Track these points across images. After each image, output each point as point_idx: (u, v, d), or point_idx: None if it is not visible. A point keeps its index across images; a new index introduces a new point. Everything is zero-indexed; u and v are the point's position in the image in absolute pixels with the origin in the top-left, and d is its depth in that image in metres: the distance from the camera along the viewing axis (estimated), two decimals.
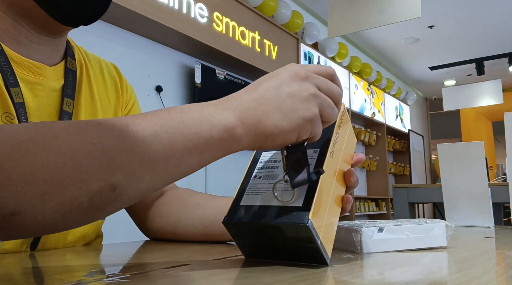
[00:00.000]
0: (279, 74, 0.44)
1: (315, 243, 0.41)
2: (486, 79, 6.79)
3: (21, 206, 0.34)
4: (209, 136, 0.40)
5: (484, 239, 0.74)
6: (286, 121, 0.42)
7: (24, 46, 0.62)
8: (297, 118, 0.42)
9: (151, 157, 0.38)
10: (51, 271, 0.44)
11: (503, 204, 2.79)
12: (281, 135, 0.42)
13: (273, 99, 0.43)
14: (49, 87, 0.64)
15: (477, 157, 1.01)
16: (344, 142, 0.51)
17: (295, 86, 0.43)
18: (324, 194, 0.44)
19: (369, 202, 5.69)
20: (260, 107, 0.42)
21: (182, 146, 0.40)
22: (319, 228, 0.41)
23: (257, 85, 0.44)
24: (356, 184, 0.50)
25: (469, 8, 4.89)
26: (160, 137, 0.39)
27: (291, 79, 0.44)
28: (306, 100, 0.43)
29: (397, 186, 2.86)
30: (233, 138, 0.42)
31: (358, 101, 5.41)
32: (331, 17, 3.85)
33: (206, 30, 3.04)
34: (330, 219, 0.45)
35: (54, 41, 0.66)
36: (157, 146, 0.38)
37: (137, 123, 0.39)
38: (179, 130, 0.40)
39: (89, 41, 2.44)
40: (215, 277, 0.38)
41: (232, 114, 0.42)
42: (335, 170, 0.48)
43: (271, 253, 0.45)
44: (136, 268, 0.44)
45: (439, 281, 0.36)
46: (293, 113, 0.42)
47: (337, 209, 0.48)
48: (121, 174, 0.37)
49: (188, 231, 0.69)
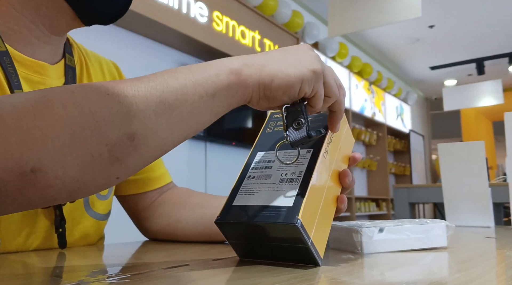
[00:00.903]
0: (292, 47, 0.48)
1: (305, 243, 0.41)
2: (486, 79, 6.79)
3: (41, 161, 0.34)
4: (216, 79, 0.42)
5: (485, 239, 0.74)
6: (291, 67, 0.44)
7: (32, 46, 0.62)
8: (301, 67, 0.44)
9: (165, 103, 0.39)
10: (52, 271, 0.44)
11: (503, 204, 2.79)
12: (285, 79, 0.44)
13: (279, 54, 0.46)
14: (52, 86, 0.64)
15: (477, 157, 1.01)
16: (340, 142, 0.51)
17: (303, 54, 0.46)
18: (317, 194, 0.44)
19: (370, 202, 5.69)
20: (265, 57, 0.45)
21: (193, 90, 0.41)
22: (309, 228, 0.41)
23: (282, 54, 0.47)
24: (351, 184, 0.50)
25: (469, 8, 4.89)
26: (171, 84, 0.40)
27: (302, 50, 0.47)
28: (313, 58, 0.46)
29: (398, 186, 2.86)
30: (239, 81, 0.43)
31: (358, 101, 5.41)
32: (332, 16, 3.85)
33: (206, 29, 3.04)
34: (323, 219, 0.45)
35: (58, 39, 0.66)
36: (169, 92, 0.40)
37: (147, 77, 0.40)
38: (188, 76, 0.41)
39: (89, 41, 2.44)
40: (215, 278, 0.38)
41: (237, 61, 0.44)
42: (330, 170, 0.47)
43: (264, 253, 0.45)
44: (136, 268, 0.44)
45: (439, 281, 0.36)
46: (297, 64, 0.44)
47: (331, 209, 0.47)
48: (137, 122, 0.38)
49: (189, 231, 0.69)
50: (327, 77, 0.46)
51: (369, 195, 5.91)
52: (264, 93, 0.44)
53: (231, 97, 0.43)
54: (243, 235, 0.45)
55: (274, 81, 0.44)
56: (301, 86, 0.44)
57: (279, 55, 0.46)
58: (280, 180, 0.45)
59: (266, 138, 0.52)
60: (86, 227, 0.67)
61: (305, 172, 0.44)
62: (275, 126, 0.53)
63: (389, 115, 6.35)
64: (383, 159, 6.01)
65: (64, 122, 0.35)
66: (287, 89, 0.44)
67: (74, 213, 0.65)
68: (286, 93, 0.44)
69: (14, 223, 0.58)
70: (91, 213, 0.68)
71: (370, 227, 0.52)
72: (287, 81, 0.44)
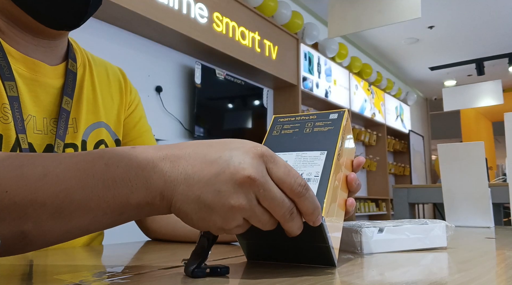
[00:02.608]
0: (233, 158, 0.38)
1: (326, 242, 0.41)
2: (486, 79, 6.79)
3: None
4: (126, 201, 0.38)
5: (484, 239, 0.74)
6: (196, 218, 0.38)
7: (23, 46, 0.64)
8: (210, 213, 0.37)
9: (64, 212, 0.38)
10: (52, 271, 0.44)
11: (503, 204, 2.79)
12: (188, 222, 0.39)
13: (200, 186, 0.37)
14: (48, 85, 0.65)
15: (477, 157, 1.01)
16: (347, 148, 0.52)
17: (228, 189, 0.36)
18: (333, 194, 0.45)
19: (369, 203, 5.69)
20: (184, 186, 0.38)
21: (97, 207, 0.38)
22: (330, 227, 0.41)
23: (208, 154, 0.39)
24: (358, 188, 0.50)
25: (469, 8, 4.90)
26: (75, 194, 0.37)
27: (235, 178, 0.36)
28: (228, 210, 0.36)
29: (397, 186, 2.86)
30: (152, 206, 0.39)
31: (358, 102, 5.41)
32: (331, 17, 3.85)
33: (206, 30, 3.04)
34: (337, 221, 0.45)
35: (53, 43, 0.68)
36: (70, 203, 0.37)
37: (56, 174, 0.38)
38: (97, 189, 0.37)
39: (89, 41, 2.44)
40: (215, 278, 0.38)
41: (157, 178, 0.38)
42: (341, 174, 0.48)
43: (275, 254, 0.45)
44: (137, 268, 0.44)
45: (439, 281, 0.36)
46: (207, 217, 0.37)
47: (341, 212, 0.48)
48: (31, 223, 0.37)
49: (189, 230, 0.69)
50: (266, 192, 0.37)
51: (368, 195, 5.91)
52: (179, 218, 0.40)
53: (140, 215, 0.40)
54: (257, 234, 0.42)
55: (178, 215, 0.39)
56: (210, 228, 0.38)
57: (204, 176, 0.37)
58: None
59: (273, 141, 0.53)
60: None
61: (322, 171, 0.45)
62: (282, 130, 0.54)
63: (388, 115, 6.35)
64: (382, 159, 6.01)
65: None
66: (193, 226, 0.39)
67: None
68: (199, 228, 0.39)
69: None
70: None
71: (370, 227, 0.52)
72: (192, 224, 0.38)
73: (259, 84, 3.89)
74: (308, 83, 4.27)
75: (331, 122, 0.51)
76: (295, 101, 4.03)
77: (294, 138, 0.51)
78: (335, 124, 0.51)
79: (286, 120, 0.55)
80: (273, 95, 4.17)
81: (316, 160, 0.46)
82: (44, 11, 0.61)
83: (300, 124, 0.53)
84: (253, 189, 0.37)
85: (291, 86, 4.04)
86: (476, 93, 6.84)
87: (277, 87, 4.12)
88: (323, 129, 0.51)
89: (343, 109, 0.53)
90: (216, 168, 0.37)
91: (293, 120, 0.54)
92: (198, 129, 3.14)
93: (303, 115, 0.54)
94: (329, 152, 0.47)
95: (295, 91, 4.05)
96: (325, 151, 0.47)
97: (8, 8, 0.62)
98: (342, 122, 0.51)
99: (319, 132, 0.50)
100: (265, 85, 3.99)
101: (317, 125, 0.52)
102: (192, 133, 3.13)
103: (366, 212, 5.52)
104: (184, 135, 3.14)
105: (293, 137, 0.51)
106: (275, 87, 4.13)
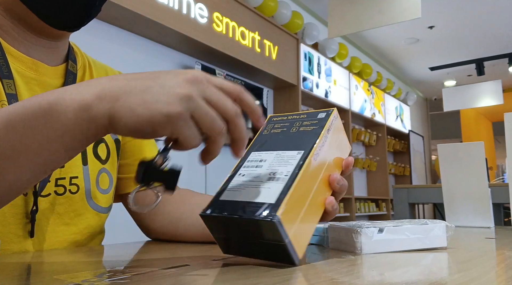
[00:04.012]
0: (176, 71, 0.42)
1: (282, 240, 0.41)
2: (486, 79, 6.79)
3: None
4: (64, 118, 0.39)
5: (484, 239, 0.74)
6: (142, 108, 0.38)
7: (24, 46, 0.64)
8: (154, 110, 0.38)
9: (7, 150, 0.39)
10: (53, 271, 0.44)
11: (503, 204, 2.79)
12: (132, 121, 0.38)
13: (143, 83, 0.40)
14: (47, 84, 0.65)
15: (477, 157, 1.01)
16: (335, 147, 0.51)
17: (173, 81, 0.40)
18: (303, 194, 0.45)
19: (369, 203, 5.69)
20: (126, 84, 0.40)
21: (39, 134, 0.39)
22: (289, 226, 0.41)
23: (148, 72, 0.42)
24: (341, 189, 0.49)
25: (469, 8, 4.90)
26: (15, 128, 0.39)
27: (178, 75, 0.40)
28: (175, 96, 0.38)
29: (397, 186, 2.86)
30: (89, 117, 0.39)
31: (358, 102, 5.41)
32: (331, 17, 3.85)
33: (206, 30, 3.04)
34: (307, 220, 0.45)
35: (55, 44, 0.68)
36: (11, 138, 0.39)
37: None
38: (34, 117, 0.39)
39: (89, 41, 2.44)
40: (215, 278, 0.38)
41: (92, 90, 0.40)
42: (320, 173, 0.48)
43: (246, 250, 0.46)
44: (137, 268, 0.44)
45: (439, 281, 0.36)
46: (152, 104, 0.38)
47: (318, 210, 0.48)
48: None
49: (189, 230, 0.69)
50: (200, 117, 0.39)
51: (368, 195, 5.91)
52: (115, 128, 0.40)
53: (81, 133, 0.40)
54: (225, 229, 0.45)
55: (121, 121, 0.39)
56: (153, 129, 0.39)
57: (144, 83, 0.40)
58: (268, 178, 0.46)
59: (262, 139, 0.53)
60: (88, 218, 0.68)
61: (292, 171, 0.45)
62: (273, 129, 0.54)
63: (388, 115, 6.35)
64: (382, 159, 6.00)
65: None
66: (136, 132, 0.39)
67: (76, 204, 0.66)
68: (137, 135, 0.40)
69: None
70: (92, 205, 0.69)
71: (369, 227, 0.52)
72: (134, 123, 0.38)
73: (259, 84, 3.89)
74: (308, 83, 4.27)
75: (317, 122, 0.51)
76: (295, 101, 4.03)
77: (279, 137, 0.52)
78: (320, 123, 0.50)
79: (279, 119, 0.55)
80: (273, 95, 4.17)
81: (291, 160, 0.47)
82: (49, 10, 0.62)
83: (289, 123, 0.53)
84: (198, 86, 0.40)
85: (291, 86, 4.04)
86: (476, 93, 6.84)
87: (277, 87, 4.12)
88: (308, 129, 0.50)
89: (332, 108, 0.52)
90: (162, 72, 0.41)
91: (285, 120, 0.54)
92: None
93: (295, 114, 0.54)
94: (305, 152, 0.47)
95: (295, 91, 4.05)
96: (302, 151, 0.47)
97: (13, 6, 0.62)
98: (328, 122, 0.50)
99: (303, 132, 0.50)
100: (265, 85, 3.99)
101: (304, 124, 0.52)
102: None
103: (366, 212, 5.52)
104: None
105: (279, 137, 0.52)
106: (275, 87, 4.13)
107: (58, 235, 0.64)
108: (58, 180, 0.64)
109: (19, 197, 0.59)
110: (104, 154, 0.72)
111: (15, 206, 0.59)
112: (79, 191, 0.67)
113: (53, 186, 0.64)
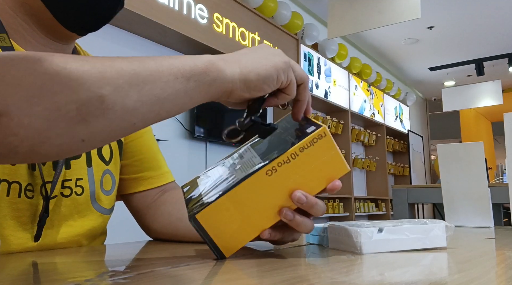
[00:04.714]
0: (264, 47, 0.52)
1: (202, 236, 0.47)
2: (485, 80, 6.79)
3: (8, 106, 0.36)
4: (193, 65, 0.44)
5: (484, 239, 0.74)
6: (265, 60, 0.48)
7: (32, 46, 0.63)
8: (274, 59, 0.49)
9: (138, 76, 0.42)
10: (53, 271, 0.44)
11: (502, 204, 2.79)
12: (263, 69, 0.47)
13: (250, 51, 0.50)
14: None
15: (476, 157, 1.01)
16: (313, 165, 0.48)
17: (269, 49, 0.51)
18: (247, 200, 0.46)
19: (369, 203, 5.69)
20: (238, 53, 0.49)
21: (168, 70, 0.43)
22: (211, 224, 0.46)
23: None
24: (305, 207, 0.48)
25: (469, 8, 4.90)
26: (147, 62, 0.43)
27: (267, 47, 0.51)
28: (279, 52, 0.51)
29: (397, 186, 2.86)
30: (217, 69, 0.45)
31: (357, 102, 5.41)
32: (331, 18, 3.85)
33: (206, 31, 3.05)
34: (243, 224, 0.47)
35: (61, 47, 0.67)
36: (144, 68, 0.42)
37: (124, 56, 0.43)
38: (166, 59, 0.44)
39: (89, 41, 2.44)
40: (215, 278, 0.38)
41: (213, 56, 0.47)
42: (279, 186, 0.47)
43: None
44: (137, 268, 0.44)
45: (439, 281, 0.36)
46: (269, 57, 0.49)
47: (267, 221, 0.48)
48: (110, 87, 0.39)
49: (190, 230, 0.69)
50: (294, 66, 0.51)
51: (368, 195, 5.91)
52: (244, 84, 0.47)
53: (208, 85, 0.45)
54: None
55: (253, 71, 0.47)
56: (277, 75, 0.48)
57: (250, 52, 0.50)
58: (225, 178, 0.49)
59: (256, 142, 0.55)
60: (92, 220, 0.69)
61: (240, 179, 0.47)
62: (279, 128, 0.54)
63: (388, 116, 6.35)
64: (382, 160, 6.01)
65: (37, 74, 0.37)
66: (266, 79, 0.47)
67: (81, 205, 0.67)
68: (266, 82, 0.48)
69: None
70: (96, 207, 0.69)
71: (369, 227, 0.52)
72: (265, 70, 0.47)
73: None
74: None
75: (302, 135, 0.48)
76: None
77: (270, 139, 0.53)
78: (302, 137, 0.47)
79: (287, 120, 0.56)
80: None
81: (251, 167, 0.48)
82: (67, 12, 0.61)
83: (284, 130, 0.53)
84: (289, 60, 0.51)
85: None
86: (476, 93, 6.85)
87: None
88: (290, 140, 0.49)
89: (321, 125, 0.48)
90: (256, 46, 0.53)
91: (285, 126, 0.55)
92: (198, 130, 3.14)
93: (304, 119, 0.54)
94: (263, 164, 0.46)
95: None
96: (265, 162, 0.47)
97: (30, 3, 0.60)
98: (307, 138, 0.47)
99: (284, 141, 0.49)
100: None
101: (291, 133, 0.51)
102: (193, 134, 3.13)
103: (366, 212, 5.52)
104: (184, 136, 3.15)
105: (271, 138, 0.52)
106: None
107: (61, 237, 0.64)
108: (65, 181, 0.64)
109: (23, 200, 0.59)
110: (108, 155, 0.72)
111: (18, 209, 0.59)
112: (84, 192, 0.67)
113: (60, 188, 0.64)
